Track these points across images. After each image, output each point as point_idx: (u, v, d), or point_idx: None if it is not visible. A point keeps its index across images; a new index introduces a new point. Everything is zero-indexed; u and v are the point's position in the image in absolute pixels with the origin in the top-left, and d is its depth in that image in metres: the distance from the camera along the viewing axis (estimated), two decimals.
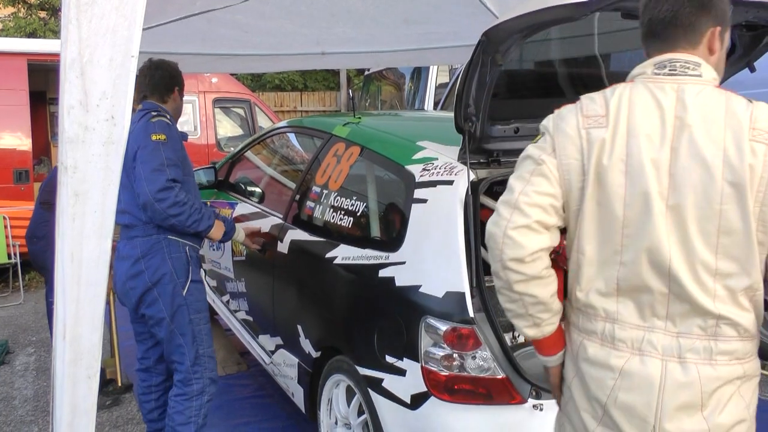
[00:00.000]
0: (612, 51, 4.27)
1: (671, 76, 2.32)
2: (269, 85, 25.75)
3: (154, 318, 4.50)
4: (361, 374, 3.98)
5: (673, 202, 2.23)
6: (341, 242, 4.47)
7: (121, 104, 2.77)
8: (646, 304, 2.32)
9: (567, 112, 2.50)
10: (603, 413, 2.39)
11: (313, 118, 6.30)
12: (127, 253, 4.46)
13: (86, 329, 2.98)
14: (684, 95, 2.27)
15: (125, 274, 4.47)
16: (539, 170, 2.43)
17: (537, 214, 2.38)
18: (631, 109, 2.32)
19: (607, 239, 2.37)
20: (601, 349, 2.40)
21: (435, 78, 13.04)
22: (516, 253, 2.39)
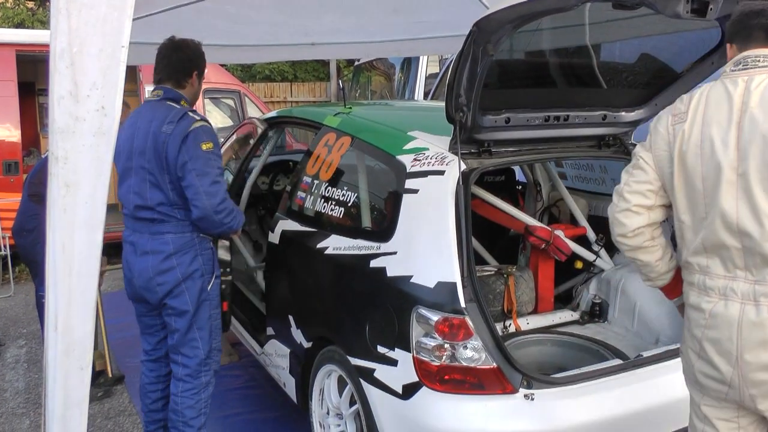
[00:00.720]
0: (603, 41, 4.27)
1: (744, 70, 2.82)
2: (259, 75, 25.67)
3: (177, 309, 4.43)
4: (353, 364, 3.98)
5: (742, 171, 2.71)
6: (332, 232, 4.47)
7: (111, 95, 2.76)
8: (727, 258, 2.83)
9: (663, 114, 3.04)
10: (699, 348, 2.93)
11: (304, 108, 6.30)
12: (156, 248, 4.36)
13: (78, 320, 2.97)
14: (751, 83, 2.76)
15: (154, 269, 4.36)
16: (637, 164, 3.07)
17: (636, 199, 3.03)
18: (707, 103, 2.85)
19: (695, 209, 2.90)
20: (697, 296, 2.94)
21: (425, 68, 13.03)
22: (621, 231, 3.09)
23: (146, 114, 4.41)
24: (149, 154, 4.28)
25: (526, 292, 4.81)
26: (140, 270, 4.40)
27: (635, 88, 4.49)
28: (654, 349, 4.11)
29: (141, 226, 4.39)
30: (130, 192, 4.37)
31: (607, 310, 4.89)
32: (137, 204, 4.34)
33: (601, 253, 5.02)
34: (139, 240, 4.40)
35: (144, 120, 4.37)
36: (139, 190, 4.34)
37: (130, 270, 4.46)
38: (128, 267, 4.47)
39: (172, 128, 4.23)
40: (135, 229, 4.42)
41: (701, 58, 4.16)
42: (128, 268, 4.47)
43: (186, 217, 4.36)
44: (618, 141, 4.63)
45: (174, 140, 4.20)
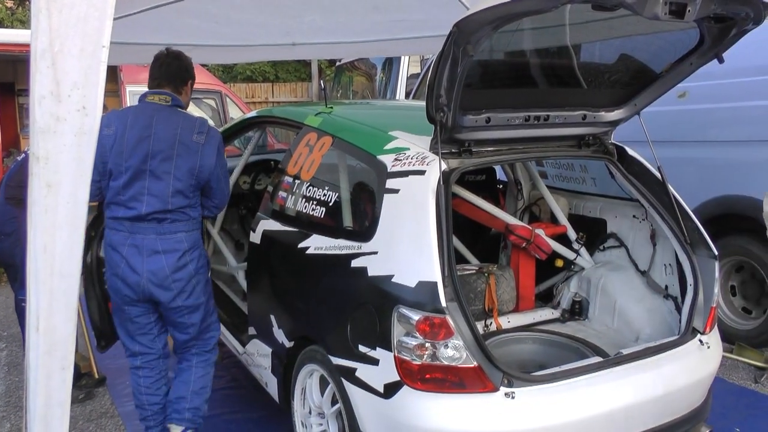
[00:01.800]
0: (583, 42, 4.29)
1: None
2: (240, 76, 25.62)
3: (191, 306, 4.62)
4: (335, 364, 3.98)
5: None
6: (314, 232, 4.46)
7: (92, 94, 2.75)
8: None
9: None
10: None
11: (284, 108, 6.28)
12: (170, 247, 4.48)
13: (60, 320, 2.96)
14: None
15: (171, 267, 4.48)
16: None
17: None
18: None
19: None
20: None
21: (406, 68, 13.02)
22: None
23: (163, 119, 4.53)
24: (179, 162, 4.46)
25: (506, 291, 4.83)
26: (153, 270, 4.46)
27: (615, 88, 4.51)
28: (634, 347, 4.13)
29: (145, 227, 4.45)
30: (144, 194, 4.43)
31: (587, 308, 4.91)
32: (156, 208, 4.43)
33: (581, 252, 5.05)
34: (144, 241, 4.45)
35: (163, 125, 4.50)
36: (159, 194, 4.44)
37: (133, 271, 4.46)
38: (130, 269, 4.46)
39: (204, 138, 4.55)
40: (134, 230, 4.45)
41: (680, 58, 4.18)
42: (130, 270, 4.46)
43: (197, 216, 4.65)
44: (598, 140, 4.64)
45: (210, 150, 4.57)
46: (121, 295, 4.57)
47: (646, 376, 3.91)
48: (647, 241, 4.77)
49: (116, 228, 4.48)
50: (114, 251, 4.50)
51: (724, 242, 6.11)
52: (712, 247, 4.35)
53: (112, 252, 4.51)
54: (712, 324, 4.28)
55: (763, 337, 6.45)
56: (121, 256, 4.47)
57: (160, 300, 4.54)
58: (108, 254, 4.56)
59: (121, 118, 4.52)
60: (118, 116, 4.57)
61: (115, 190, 4.44)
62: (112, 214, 4.48)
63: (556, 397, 3.62)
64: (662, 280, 4.65)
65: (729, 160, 5.98)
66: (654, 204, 4.51)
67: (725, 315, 6.72)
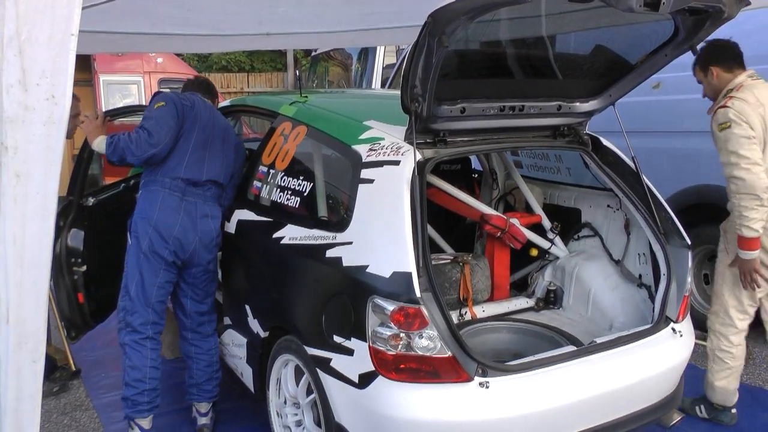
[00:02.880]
0: (558, 32, 4.27)
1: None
2: (216, 65, 25.55)
3: (214, 272, 5.03)
4: (309, 354, 3.96)
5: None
6: (288, 222, 4.44)
7: (61, 83, 2.69)
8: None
9: None
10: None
11: (258, 97, 6.24)
12: (215, 213, 4.93)
13: (30, 312, 2.91)
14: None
15: (216, 231, 4.91)
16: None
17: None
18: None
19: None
20: None
21: (382, 58, 12.99)
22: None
23: (216, 112, 5.19)
24: (228, 149, 5.06)
25: (481, 280, 4.82)
26: (204, 231, 4.81)
27: (590, 79, 4.50)
28: (608, 335, 4.14)
29: (195, 193, 4.81)
30: (204, 164, 4.87)
31: (561, 297, 4.92)
32: (211, 178, 4.89)
33: (556, 241, 5.05)
34: (193, 207, 4.79)
35: (218, 116, 5.16)
36: (218, 168, 4.94)
37: (184, 232, 4.73)
38: (183, 229, 4.72)
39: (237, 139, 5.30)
40: (187, 194, 4.79)
41: (655, 50, 4.18)
42: (183, 230, 4.72)
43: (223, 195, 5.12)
44: (572, 131, 4.64)
45: (241, 150, 5.29)
46: (162, 257, 4.69)
47: (619, 364, 3.92)
48: (621, 230, 4.77)
49: (169, 187, 4.75)
50: (174, 212, 4.71)
51: (697, 231, 6.11)
52: (685, 237, 4.36)
53: (170, 213, 4.70)
54: (685, 312, 4.30)
55: None
56: (178, 215, 4.72)
57: (195, 260, 4.82)
58: (161, 212, 4.69)
59: (194, 100, 5.03)
60: (190, 98, 5.02)
61: (180, 155, 4.79)
62: (169, 175, 4.76)
63: (531, 386, 3.63)
64: (636, 269, 4.66)
65: (702, 150, 5.98)
66: (628, 194, 4.52)
67: (698, 303, 6.74)
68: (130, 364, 4.74)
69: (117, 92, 12.93)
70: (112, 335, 6.94)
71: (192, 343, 5.03)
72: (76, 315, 5.38)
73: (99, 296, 5.71)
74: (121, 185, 5.91)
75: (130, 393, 4.74)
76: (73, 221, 5.50)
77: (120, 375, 4.82)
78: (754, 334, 6.53)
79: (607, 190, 4.75)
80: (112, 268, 5.50)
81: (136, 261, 4.69)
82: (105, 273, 5.64)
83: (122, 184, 5.92)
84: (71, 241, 5.30)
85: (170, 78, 13.77)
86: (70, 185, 5.59)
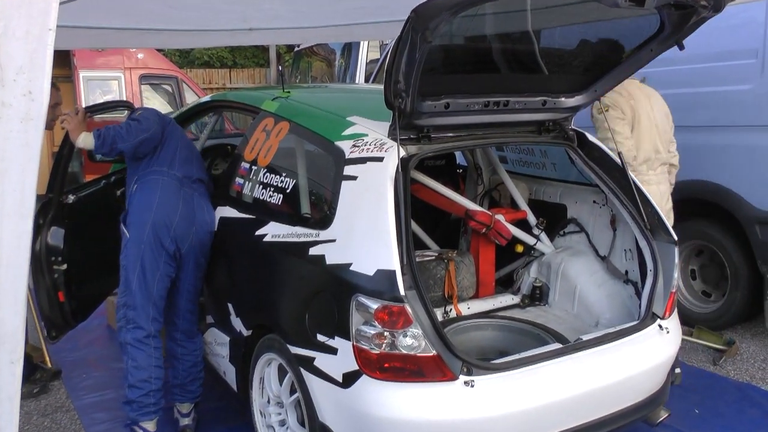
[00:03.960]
0: (543, 27, 4.26)
1: None
2: (198, 61, 25.46)
3: (206, 258, 4.96)
4: (293, 353, 3.94)
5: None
6: (271, 220, 4.43)
7: (38, 79, 2.67)
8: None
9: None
10: None
11: (240, 92, 6.20)
12: (211, 209, 4.97)
13: (8, 312, 2.89)
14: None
15: (211, 224, 4.94)
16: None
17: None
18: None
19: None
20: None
21: (366, 53, 12.98)
22: None
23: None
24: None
25: (466, 277, 4.82)
26: (201, 223, 4.84)
27: (575, 74, 4.51)
28: (594, 332, 4.14)
29: (192, 186, 4.90)
30: (193, 163, 5.02)
31: (547, 294, 4.93)
32: (200, 177, 5.01)
33: (541, 237, 5.06)
34: (190, 198, 4.85)
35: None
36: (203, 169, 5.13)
37: (190, 222, 4.78)
38: (182, 218, 4.75)
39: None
40: (184, 184, 4.86)
41: (641, 45, 4.18)
42: (188, 221, 4.77)
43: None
44: (558, 126, 4.64)
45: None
46: (163, 246, 4.69)
47: (606, 361, 3.92)
48: (607, 226, 4.79)
49: (175, 181, 4.83)
50: (175, 200, 4.76)
51: (684, 227, 6.14)
52: (671, 233, 4.37)
53: (171, 201, 4.74)
54: (671, 309, 4.30)
55: (721, 319, 6.51)
56: (185, 203, 4.77)
57: (197, 256, 4.85)
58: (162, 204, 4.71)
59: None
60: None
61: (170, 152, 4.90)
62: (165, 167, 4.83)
63: (516, 384, 3.62)
64: (622, 266, 4.67)
65: (688, 145, 6.00)
66: (614, 189, 4.52)
67: (685, 299, 6.77)
68: (134, 364, 4.65)
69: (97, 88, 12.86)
70: (94, 335, 6.94)
71: (180, 343, 5.00)
72: (57, 314, 5.33)
73: (80, 295, 5.66)
74: (101, 182, 5.87)
75: (135, 395, 4.67)
76: (53, 219, 5.46)
77: (102, 375, 4.79)
78: (740, 330, 6.59)
79: (592, 185, 4.76)
80: (94, 267, 5.46)
81: (137, 252, 4.63)
82: (86, 271, 5.60)
83: (103, 181, 5.88)
84: (51, 239, 5.25)
85: (151, 74, 13.71)
86: (50, 182, 5.54)
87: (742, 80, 6.09)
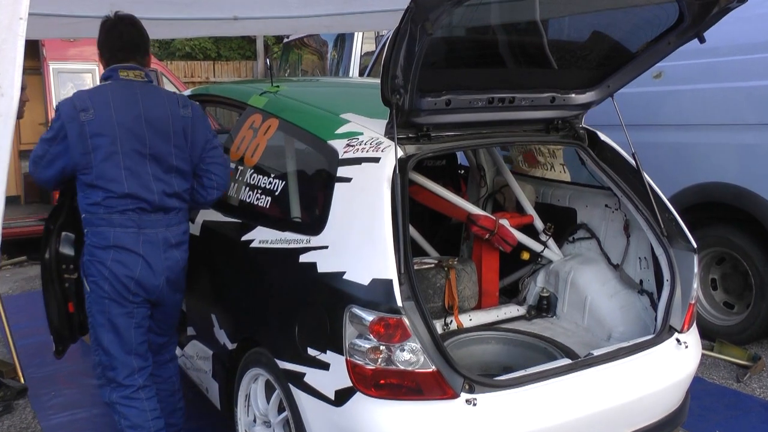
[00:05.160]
0: (552, 17, 4.26)
1: None
2: (178, 53, 25.45)
3: (180, 298, 4.66)
4: (281, 368, 3.94)
5: None
6: (258, 224, 4.43)
7: (9, 72, 2.67)
8: None
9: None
10: None
11: (225, 86, 6.20)
12: (181, 239, 4.50)
13: None
14: None
15: (184, 261, 4.54)
16: None
17: None
18: None
19: None
20: None
21: (360, 46, 12.99)
22: None
23: (149, 96, 4.41)
24: (177, 140, 4.39)
25: (468, 287, 4.82)
26: (171, 265, 4.44)
27: (587, 68, 4.51)
28: (606, 347, 4.14)
29: (155, 219, 4.36)
30: (151, 180, 4.33)
31: (555, 305, 4.94)
32: (165, 191, 4.36)
33: (549, 244, 5.06)
34: (157, 234, 4.38)
35: (152, 103, 4.38)
36: (164, 177, 4.37)
37: (149, 268, 4.34)
38: (146, 265, 4.34)
39: (189, 111, 4.49)
40: (145, 224, 4.33)
41: (657, 37, 4.18)
42: (146, 267, 4.34)
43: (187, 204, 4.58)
44: (567, 125, 4.64)
45: (201, 122, 4.52)
46: (128, 298, 4.36)
47: (619, 378, 3.92)
48: (620, 232, 4.79)
49: (124, 225, 4.30)
50: (126, 251, 4.32)
51: (703, 233, 6.15)
52: (690, 240, 4.37)
53: (123, 252, 4.32)
54: (690, 322, 4.30)
55: (746, 333, 6.49)
56: (138, 255, 4.32)
57: (166, 299, 4.51)
58: (116, 255, 4.33)
59: (101, 99, 4.30)
60: (94, 97, 4.31)
61: (110, 180, 4.25)
62: (114, 208, 4.29)
63: (522, 403, 3.62)
64: (636, 275, 4.68)
65: (708, 145, 6.02)
66: (628, 193, 4.52)
67: (705, 310, 6.77)
68: (129, 423, 4.46)
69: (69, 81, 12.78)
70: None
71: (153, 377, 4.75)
72: (65, 326, 5.30)
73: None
74: None
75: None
76: (63, 225, 5.44)
77: (73, 393, 4.74)
78: (767, 344, 6.58)
79: (604, 188, 4.76)
80: None
81: (101, 308, 4.39)
82: None
83: None
84: (62, 247, 5.22)
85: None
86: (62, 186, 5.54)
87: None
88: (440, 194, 5.00)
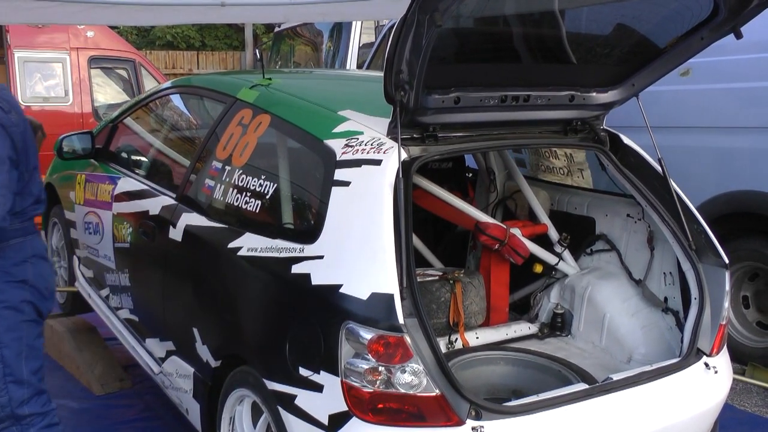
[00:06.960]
0: (572, 7, 4.25)
1: None
2: (159, 41, 25.50)
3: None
4: (270, 389, 3.93)
5: None
6: (247, 230, 4.41)
7: None
8: None
9: None
10: None
11: (210, 77, 6.20)
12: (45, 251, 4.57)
13: None
14: None
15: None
16: None
17: None
18: None
19: None
20: None
21: (358, 37, 13.01)
22: None
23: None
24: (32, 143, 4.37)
25: (475, 301, 4.82)
26: (51, 274, 4.52)
27: (609, 64, 4.51)
28: (626, 371, 4.13)
29: (32, 226, 4.37)
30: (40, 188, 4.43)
31: (570, 323, 4.94)
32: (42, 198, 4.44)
33: (564, 256, 5.06)
34: (37, 242, 4.42)
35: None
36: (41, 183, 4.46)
37: (45, 279, 4.40)
38: (43, 277, 4.39)
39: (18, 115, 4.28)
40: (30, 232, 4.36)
41: (689, 31, 4.18)
42: (44, 279, 4.40)
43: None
44: (587, 126, 4.64)
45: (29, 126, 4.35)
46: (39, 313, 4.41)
47: (640, 406, 3.91)
48: (643, 244, 4.78)
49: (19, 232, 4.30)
50: (43, 260, 4.40)
51: (734, 246, 6.15)
52: (721, 254, 4.36)
53: (41, 262, 4.38)
54: (720, 344, 4.30)
55: None
56: (43, 263, 4.39)
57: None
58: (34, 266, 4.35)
59: (13, 103, 4.30)
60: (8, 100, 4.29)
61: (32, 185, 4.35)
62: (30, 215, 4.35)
63: (533, 431, 3.61)
64: (661, 292, 4.67)
65: (740, 149, 6.02)
66: (652, 201, 4.52)
67: (736, 331, 6.76)
68: None
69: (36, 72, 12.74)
70: None
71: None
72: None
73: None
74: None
75: None
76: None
77: None
78: None
79: (627, 196, 4.76)
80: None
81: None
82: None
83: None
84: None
85: (103, 56, 13.66)
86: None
87: None
88: (445, 200, 5.00)
